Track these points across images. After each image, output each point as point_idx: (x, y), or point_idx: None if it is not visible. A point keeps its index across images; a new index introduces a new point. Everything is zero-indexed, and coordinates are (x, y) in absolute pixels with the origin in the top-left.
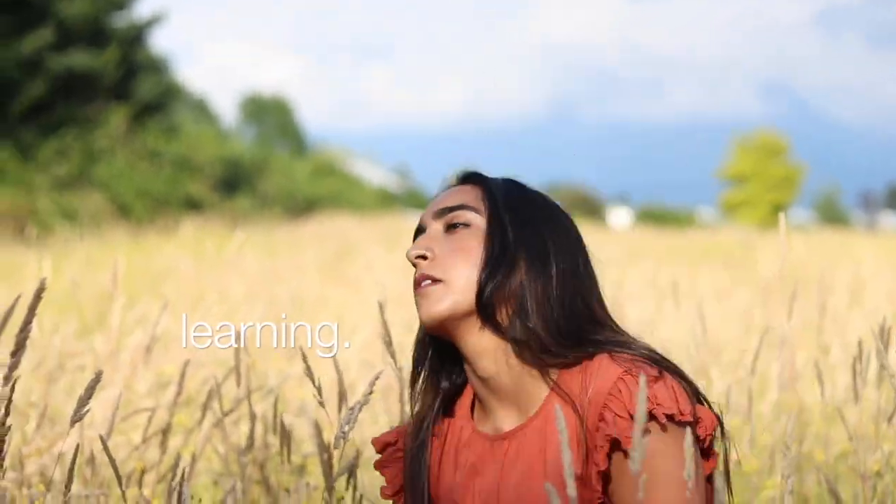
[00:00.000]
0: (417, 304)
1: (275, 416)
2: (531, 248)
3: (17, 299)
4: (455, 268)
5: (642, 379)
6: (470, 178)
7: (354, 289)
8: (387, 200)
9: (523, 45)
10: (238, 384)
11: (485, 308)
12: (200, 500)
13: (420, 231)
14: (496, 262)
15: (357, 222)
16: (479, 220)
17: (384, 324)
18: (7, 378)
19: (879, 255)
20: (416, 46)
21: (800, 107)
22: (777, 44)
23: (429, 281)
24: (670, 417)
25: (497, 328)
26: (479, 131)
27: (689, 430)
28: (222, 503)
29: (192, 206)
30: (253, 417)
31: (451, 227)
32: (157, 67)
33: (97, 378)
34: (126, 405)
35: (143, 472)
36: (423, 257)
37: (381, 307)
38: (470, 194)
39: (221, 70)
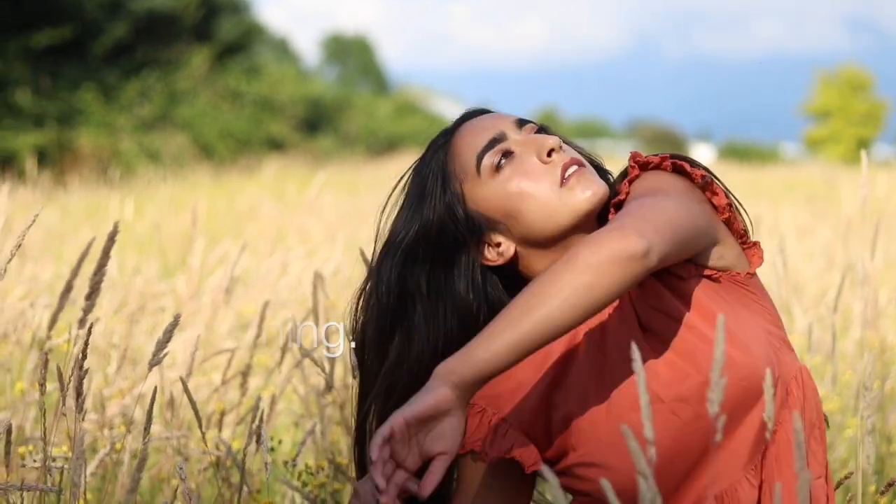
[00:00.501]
0: (574, 190)
1: (350, 357)
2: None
3: (91, 242)
4: (580, 156)
5: None
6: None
7: None
8: None
9: None
10: (316, 325)
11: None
12: (280, 441)
13: (496, 141)
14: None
15: None
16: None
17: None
18: (82, 321)
19: None
20: None
21: (884, 41)
22: None
23: (575, 165)
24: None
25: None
26: (561, 68)
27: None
28: (302, 444)
29: (275, 146)
30: (332, 360)
31: (538, 131)
32: (238, 7)
33: (175, 321)
34: (207, 346)
35: (223, 413)
36: (560, 147)
37: None
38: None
39: (303, 9)
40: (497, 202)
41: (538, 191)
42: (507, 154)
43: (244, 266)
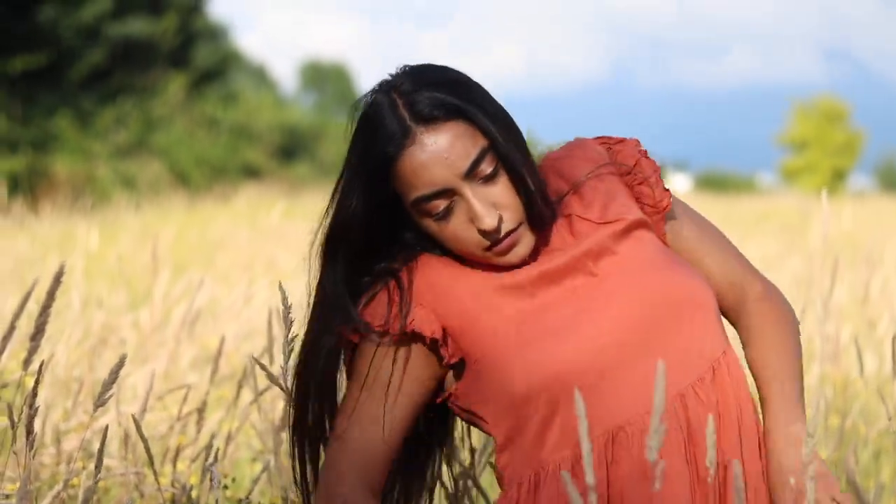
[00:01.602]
0: (502, 256)
1: None
2: (521, 142)
3: (33, 285)
4: (518, 209)
5: None
6: (437, 118)
7: None
8: None
9: (581, 10)
10: (271, 362)
11: (542, 216)
12: (234, 479)
13: (443, 193)
14: (526, 186)
15: None
16: (493, 158)
17: None
18: (27, 362)
19: None
20: (474, 12)
21: (861, 72)
22: (838, 8)
23: (510, 235)
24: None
25: (542, 225)
26: (538, 96)
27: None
28: (255, 481)
29: (250, 173)
30: (288, 395)
31: (485, 178)
32: (216, 35)
33: (121, 362)
34: (170, 379)
35: (178, 449)
36: (500, 219)
37: None
38: (463, 133)
39: (281, 37)
40: (426, 229)
41: (467, 248)
42: (448, 209)
43: (212, 296)
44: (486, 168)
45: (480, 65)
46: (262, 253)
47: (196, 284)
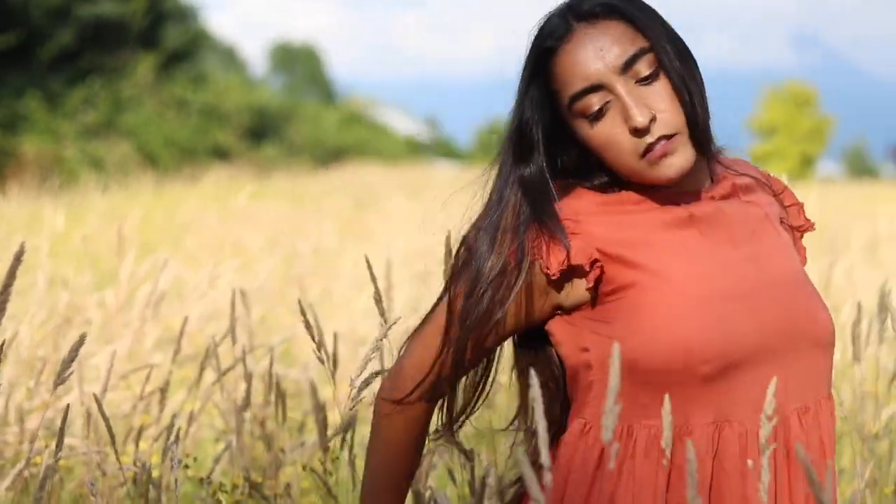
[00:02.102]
0: (656, 165)
1: (270, 375)
2: (693, 64)
3: None
4: (680, 116)
5: None
6: (599, 14)
7: (373, 241)
8: (415, 150)
9: None
10: (234, 342)
11: (705, 139)
12: (195, 459)
13: (595, 88)
14: (691, 99)
15: (383, 172)
16: (653, 60)
17: (374, 280)
18: None
19: None
20: None
21: (831, 58)
22: None
23: (664, 141)
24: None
25: (706, 150)
26: (509, 81)
27: None
28: (216, 461)
29: (220, 154)
30: (249, 376)
31: (642, 80)
32: (186, 15)
33: (81, 340)
34: (135, 359)
35: (141, 429)
36: (652, 121)
37: (369, 263)
38: (624, 32)
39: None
40: (581, 135)
41: (619, 155)
42: (601, 111)
43: (178, 277)
44: (644, 69)
45: (453, 46)
46: (229, 234)
47: (160, 265)
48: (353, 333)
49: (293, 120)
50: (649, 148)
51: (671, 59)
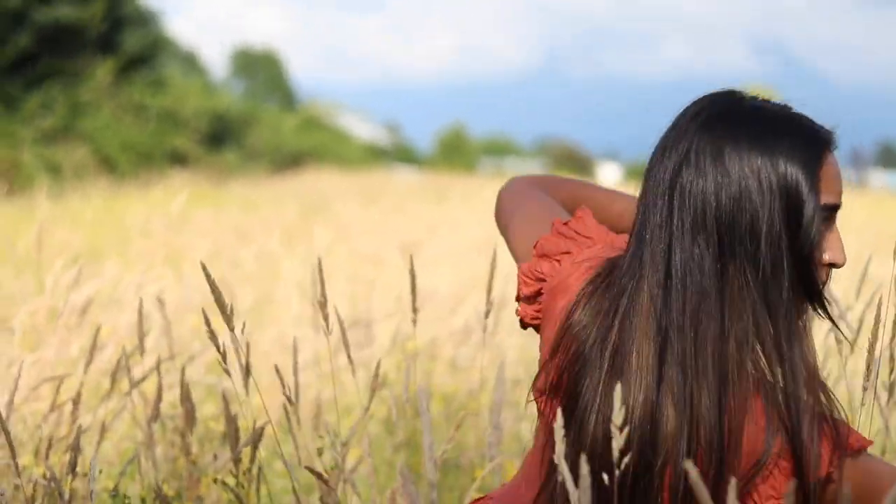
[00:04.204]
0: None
1: (182, 385)
2: None
3: None
4: None
5: None
6: None
7: (321, 249)
8: (375, 155)
9: None
10: (141, 354)
11: None
12: (101, 471)
13: (835, 209)
14: None
15: (341, 178)
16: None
17: (322, 284)
18: None
19: (863, 213)
20: None
21: (791, 64)
22: (771, 1)
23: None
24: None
25: None
26: (471, 84)
27: None
28: (121, 474)
29: (178, 159)
30: (160, 387)
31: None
32: (145, 20)
33: None
34: (61, 368)
35: (50, 441)
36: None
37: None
38: None
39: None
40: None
41: (819, 269)
42: (827, 229)
43: (117, 285)
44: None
45: (414, 51)
46: (175, 242)
47: (90, 271)
48: (281, 340)
49: (252, 125)
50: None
51: None
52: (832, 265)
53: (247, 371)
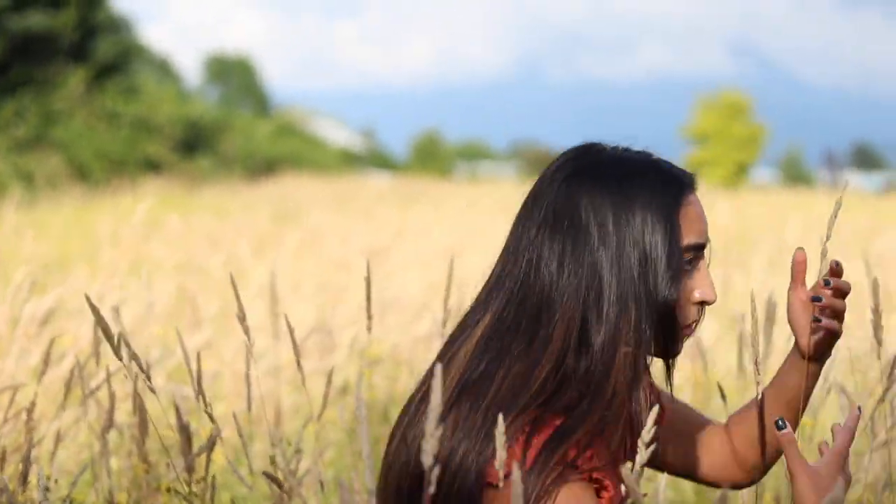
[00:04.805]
0: (688, 337)
1: (134, 394)
2: None
3: None
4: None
5: None
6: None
7: (290, 256)
8: (350, 161)
9: (492, 4)
10: (97, 362)
11: None
12: (56, 481)
13: (700, 248)
14: None
15: (314, 184)
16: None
17: (237, 298)
18: None
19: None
20: (385, 3)
21: (767, 67)
22: (747, 5)
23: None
24: None
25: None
26: (446, 90)
27: None
28: (73, 485)
29: (152, 167)
30: (112, 396)
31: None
32: (118, 27)
33: None
34: (18, 378)
35: (4, 451)
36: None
37: (234, 284)
38: None
39: (186, 30)
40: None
41: (683, 311)
42: (694, 268)
43: (83, 294)
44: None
45: (390, 57)
46: (143, 250)
47: (56, 280)
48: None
49: (226, 132)
50: (692, 324)
51: None
52: (703, 302)
53: (198, 380)
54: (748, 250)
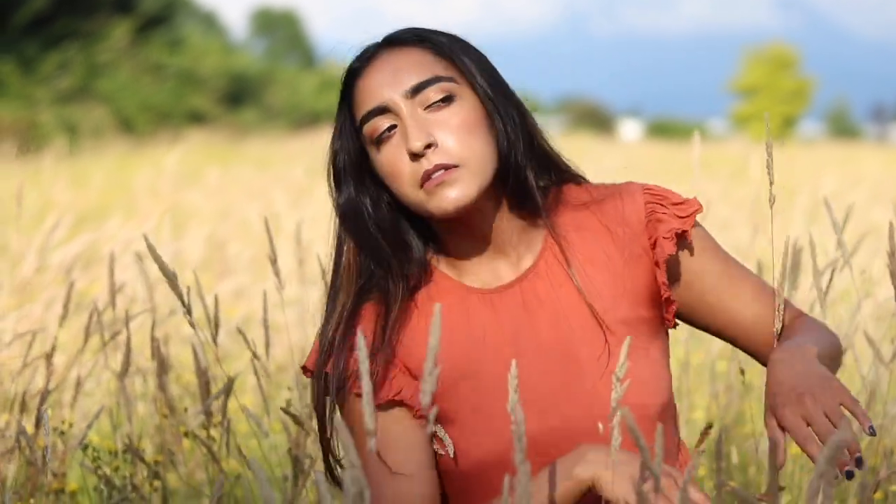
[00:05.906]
0: (433, 196)
1: (152, 340)
2: (510, 100)
3: None
4: (468, 147)
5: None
6: (407, 41)
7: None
8: None
9: None
10: (113, 307)
11: (517, 176)
12: (71, 425)
13: (382, 111)
14: (505, 129)
15: None
16: (457, 89)
17: (270, 240)
18: None
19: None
20: None
21: (814, 18)
22: None
23: (441, 171)
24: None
25: (523, 190)
26: (492, 42)
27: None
28: (88, 427)
29: (196, 119)
30: (129, 341)
31: (432, 105)
32: None
33: None
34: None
35: (24, 395)
36: (430, 146)
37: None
38: (424, 59)
39: None
40: (376, 165)
41: (400, 184)
42: (387, 135)
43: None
44: (434, 95)
45: (435, 9)
46: (182, 201)
47: (90, 229)
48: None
49: (271, 84)
50: (426, 176)
51: (477, 91)
52: (411, 154)
53: (215, 325)
54: (787, 203)
